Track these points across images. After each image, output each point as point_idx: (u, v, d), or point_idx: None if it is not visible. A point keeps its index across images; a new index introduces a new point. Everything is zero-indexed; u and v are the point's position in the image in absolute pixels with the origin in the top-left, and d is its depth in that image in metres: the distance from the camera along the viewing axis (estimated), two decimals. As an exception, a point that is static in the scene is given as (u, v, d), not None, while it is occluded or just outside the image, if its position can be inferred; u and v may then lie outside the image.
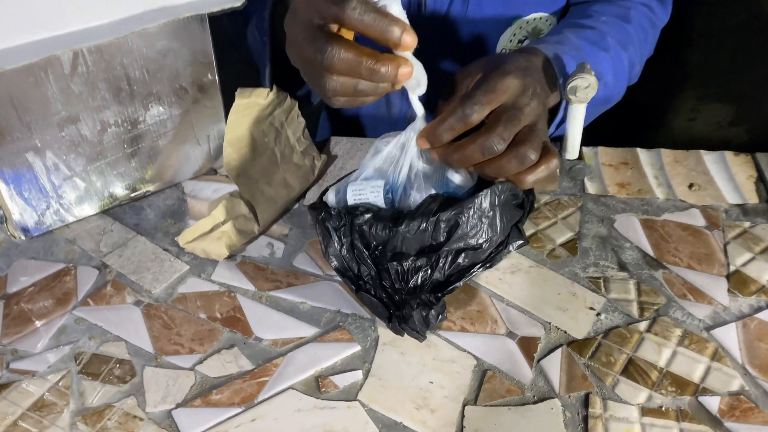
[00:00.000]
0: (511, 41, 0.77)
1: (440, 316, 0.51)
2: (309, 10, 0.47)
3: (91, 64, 0.59)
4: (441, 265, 0.53)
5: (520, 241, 0.55)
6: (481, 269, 0.54)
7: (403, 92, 0.52)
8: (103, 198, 0.66)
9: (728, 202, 0.65)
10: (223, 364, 0.52)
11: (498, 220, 0.54)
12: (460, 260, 0.53)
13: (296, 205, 0.67)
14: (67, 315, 0.56)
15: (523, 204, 0.57)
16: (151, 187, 0.69)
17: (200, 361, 0.52)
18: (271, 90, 0.64)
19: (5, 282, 0.60)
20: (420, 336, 0.51)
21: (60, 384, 0.51)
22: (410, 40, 0.46)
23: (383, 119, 0.84)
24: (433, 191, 0.54)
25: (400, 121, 0.83)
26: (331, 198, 0.57)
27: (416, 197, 0.53)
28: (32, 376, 0.52)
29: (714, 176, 0.68)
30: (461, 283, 0.53)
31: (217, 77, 0.66)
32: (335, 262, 0.54)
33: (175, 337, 0.54)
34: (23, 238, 0.63)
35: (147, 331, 0.55)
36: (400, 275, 0.52)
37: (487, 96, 0.51)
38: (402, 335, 0.52)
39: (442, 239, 0.51)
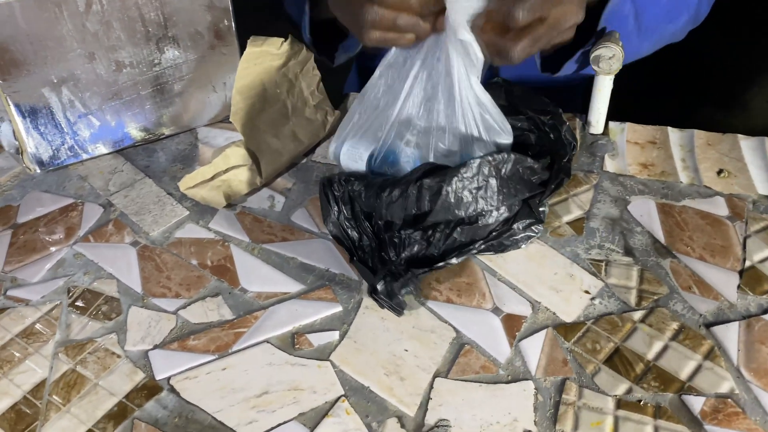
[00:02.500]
0: None
1: (404, 289, 0.50)
2: None
3: (106, 2, 0.59)
4: (437, 239, 0.51)
5: (529, 220, 0.53)
6: (483, 248, 0.52)
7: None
8: (117, 137, 0.67)
9: (758, 193, 0.60)
10: (206, 311, 0.53)
11: (497, 194, 0.52)
12: (456, 235, 0.52)
13: (304, 160, 0.67)
14: (67, 249, 0.58)
15: (547, 181, 0.55)
16: (165, 131, 0.69)
17: (184, 306, 0.53)
18: (286, 39, 0.63)
19: (17, 212, 0.62)
20: (396, 310, 0.50)
21: (50, 315, 0.53)
22: None
23: None
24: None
25: None
26: (330, 149, 0.56)
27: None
28: (26, 304, 0.54)
29: (748, 163, 0.63)
30: (455, 260, 0.51)
31: (233, 24, 0.65)
32: (333, 230, 0.54)
33: (164, 280, 0.55)
34: (38, 170, 0.65)
35: (139, 272, 0.56)
36: (396, 247, 0.51)
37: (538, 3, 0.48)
38: (382, 307, 0.51)
39: (426, 208, 0.50)
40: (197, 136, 0.70)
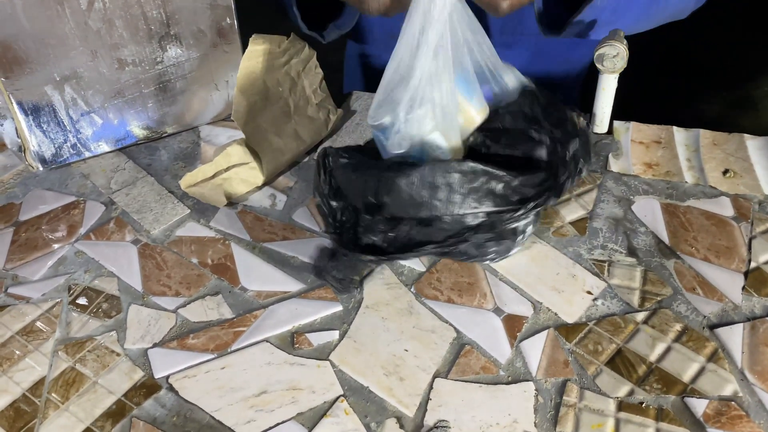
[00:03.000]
0: None
1: (340, 271, 0.51)
2: None
3: (108, 1, 0.59)
4: (397, 231, 0.51)
5: (490, 235, 0.51)
6: (436, 251, 0.51)
7: None
8: (120, 136, 0.67)
9: (764, 193, 0.59)
10: (205, 310, 0.53)
11: (454, 201, 0.50)
12: (414, 233, 0.51)
13: (306, 159, 0.66)
14: (68, 247, 0.58)
15: (527, 199, 0.51)
16: (168, 129, 0.69)
17: (184, 305, 0.53)
18: (288, 38, 0.63)
19: (19, 210, 0.62)
20: (335, 287, 0.51)
21: (50, 312, 0.53)
22: None
23: None
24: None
25: None
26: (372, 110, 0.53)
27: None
28: (26, 302, 0.54)
29: (754, 163, 0.62)
30: (405, 257, 0.51)
31: (236, 22, 0.65)
32: (317, 198, 0.54)
33: (164, 278, 0.55)
34: (41, 168, 0.65)
35: (139, 270, 0.56)
36: (365, 230, 0.51)
37: None
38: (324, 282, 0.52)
39: (382, 199, 0.50)
40: (199, 135, 0.70)
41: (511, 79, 0.54)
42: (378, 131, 0.53)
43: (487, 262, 0.54)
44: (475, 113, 0.53)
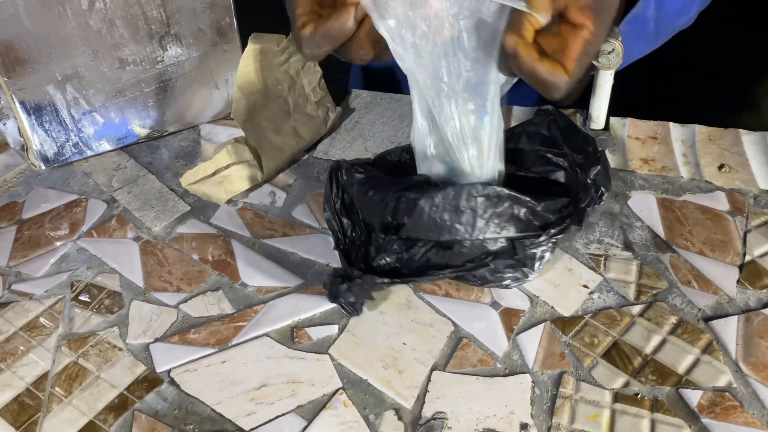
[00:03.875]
0: None
1: (352, 294, 0.49)
2: None
3: (109, 1, 0.60)
4: (413, 253, 0.51)
5: (511, 261, 0.50)
6: (454, 276, 0.51)
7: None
8: (121, 134, 0.68)
9: (759, 188, 0.60)
10: (206, 305, 0.53)
11: (476, 225, 0.49)
12: (431, 255, 0.51)
13: (305, 156, 0.67)
14: (71, 244, 0.59)
15: (549, 225, 0.50)
16: (168, 128, 0.70)
17: (185, 300, 0.54)
18: (286, 36, 0.63)
19: (22, 208, 0.63)
20: (345, 309, 0.50)
21: (53, 308, 0.53)
22: None
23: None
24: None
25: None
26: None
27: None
28: (29, 298, 0.54)
29: (750, 158, 0.63)
30: (420, 280, 0.51)
31: (235, 21, 0.66)
32: (327, 214, 0.54)
33: (165, 274, 0.56)
34: (43, 167, 0.66)
35: (141, 267, 0.56)
36: (378, 249, 0.51)
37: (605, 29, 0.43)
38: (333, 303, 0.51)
39: (401, 220, 0.50)
40: (200, 133, 0.70)
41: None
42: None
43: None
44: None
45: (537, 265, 0.52)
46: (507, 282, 0.52)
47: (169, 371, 0.49)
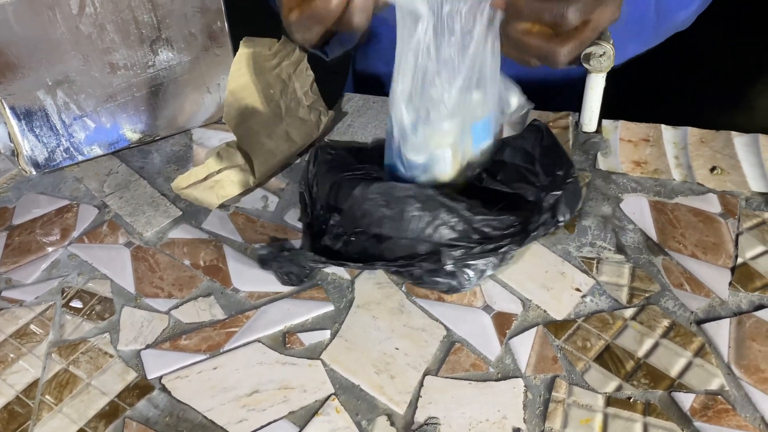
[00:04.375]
0: None
1: (284, 267, 0.52)
2: None
3: (99, 5, 0.60)
4: (354, 239, 0.51)
5: (434, 267, 0.50)
6: (381, 267, 0.51)
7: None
8: (113, 139, 0.67)
9: (751, 190, 0.60)
10: (198, 311, 0.53)
11: (399, 223, 0.50)
12: (367, 245, 0.51)
13: (298, 160, 0.67)
14: (62, 250, 0.58)
15: (481, 240, 0.50)
16: (160, 132, 0.70)
17: (176, 306, 0.53)
18: (278, 40, 0.63)
19: (12, 214, 0.62)
20: (285, 281, 0.53)
21: (44, 315, 0.53)
22: None
23: None
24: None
25: None
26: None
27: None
28: (20, 305, 0.54)
29: (741, 160, 0.63)
30: (357, 266, 0.52)
31: (226, 25, 0.66)
32: (299, 187, 0.56)
33: (157, 280, 0.55)
34: (34, 173, 0.65)
35: (132, 273, 0.56)
36: (327, 228, 0.53)
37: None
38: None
39: (339, 204, 0.51)
40: (192, 138, 0.70)
41: (515, 101, 0.54)
42: (396, 125, 0.51)
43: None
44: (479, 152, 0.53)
45: (472, 276, 0.51)
46: (442, 287, 0.52)
47: (160, 378, 0.49)
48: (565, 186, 0.52)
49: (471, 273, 0.51)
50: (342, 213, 0.51)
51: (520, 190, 0.53)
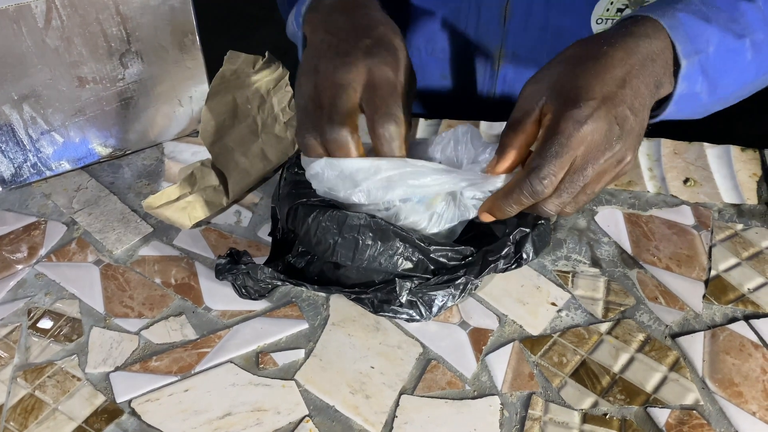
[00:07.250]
0: (608, 10, 0.67)
1: (245, 287, 0.52)
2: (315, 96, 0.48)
3: (66, 18, 0.58)
4: (314, 261, 0.52)
5: (385, 296, 0.50)
6: (334, 292, 0.51)
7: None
8: (82, 154, 0.66)
9: (723, 201, 0.61)
10: (169, 331, 0.52)
11: (354, 253, 0.49)
12: (325, 269, 0.52)
13: (273, 175, 0.66)
14: (28, 269, 0.57)
15: (436, 270, 0.50)
16: (131, 146, 0.68)
17: (146, 326, 0.52)
18: (264, 57, 0.62)
19: (-23, 232, 0.61)
20: (241, 295, 0.53)
21: (9, 338, 0.52)
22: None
23: (448, 97, 0.79)
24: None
25: (467, 103, 0.78)
26: (315, 168, 0.49)
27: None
28: (-16, 327, 0.52)
29: (714, 172, 0.63)
30: (315, 288, 0.51)
31: (198, 38, 0.65)
32: (272, 202, 0.57)
33: (127, 299, 0.54)
34: (0, 189, 0.64)
35: (101, 292, 0.55)
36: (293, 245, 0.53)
37: (558, 163, 0.42)
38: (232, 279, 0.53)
39: (298, 230, 0.52)
40: (163, 151, 0.69)
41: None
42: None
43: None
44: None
45: (434, 309, 0.51)
46: (403, 316, 0.51)
47: (129, 401, 0.47)
48: (535, 225, 0.52)
49: (433, 305, 0.51)
50: (299, 238, 0.51)
51: (495, 223, 0.52)
